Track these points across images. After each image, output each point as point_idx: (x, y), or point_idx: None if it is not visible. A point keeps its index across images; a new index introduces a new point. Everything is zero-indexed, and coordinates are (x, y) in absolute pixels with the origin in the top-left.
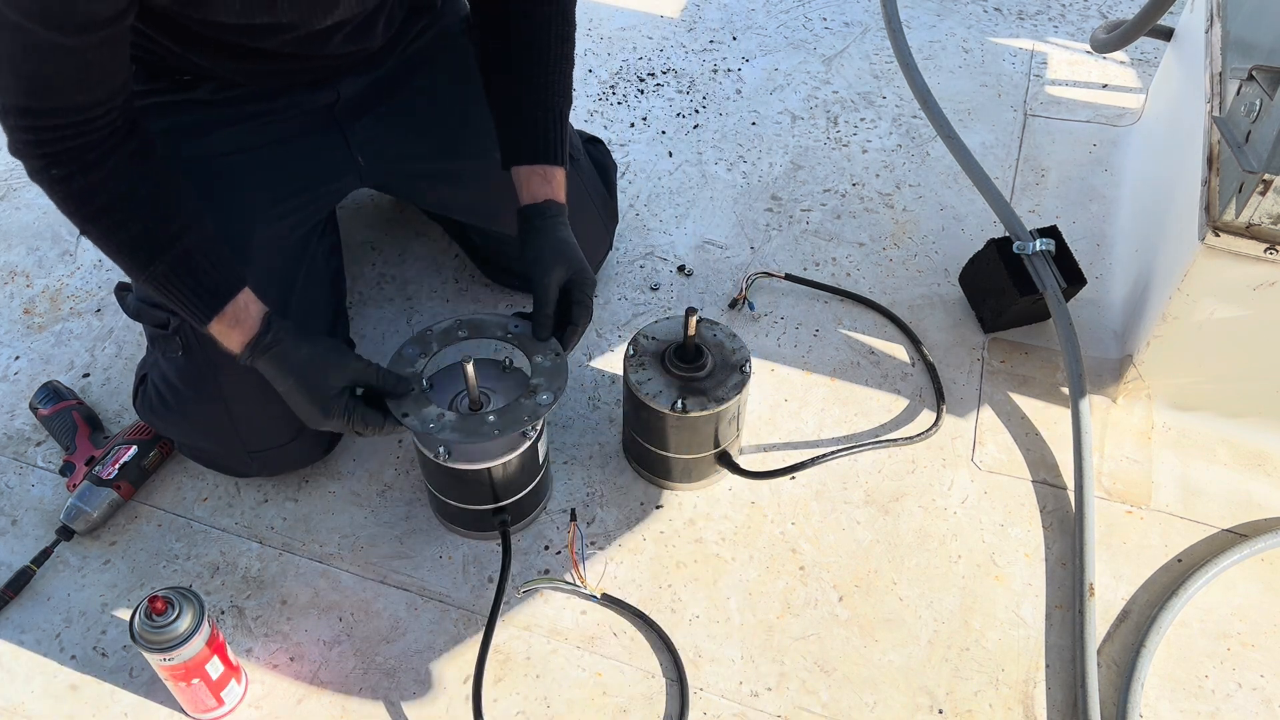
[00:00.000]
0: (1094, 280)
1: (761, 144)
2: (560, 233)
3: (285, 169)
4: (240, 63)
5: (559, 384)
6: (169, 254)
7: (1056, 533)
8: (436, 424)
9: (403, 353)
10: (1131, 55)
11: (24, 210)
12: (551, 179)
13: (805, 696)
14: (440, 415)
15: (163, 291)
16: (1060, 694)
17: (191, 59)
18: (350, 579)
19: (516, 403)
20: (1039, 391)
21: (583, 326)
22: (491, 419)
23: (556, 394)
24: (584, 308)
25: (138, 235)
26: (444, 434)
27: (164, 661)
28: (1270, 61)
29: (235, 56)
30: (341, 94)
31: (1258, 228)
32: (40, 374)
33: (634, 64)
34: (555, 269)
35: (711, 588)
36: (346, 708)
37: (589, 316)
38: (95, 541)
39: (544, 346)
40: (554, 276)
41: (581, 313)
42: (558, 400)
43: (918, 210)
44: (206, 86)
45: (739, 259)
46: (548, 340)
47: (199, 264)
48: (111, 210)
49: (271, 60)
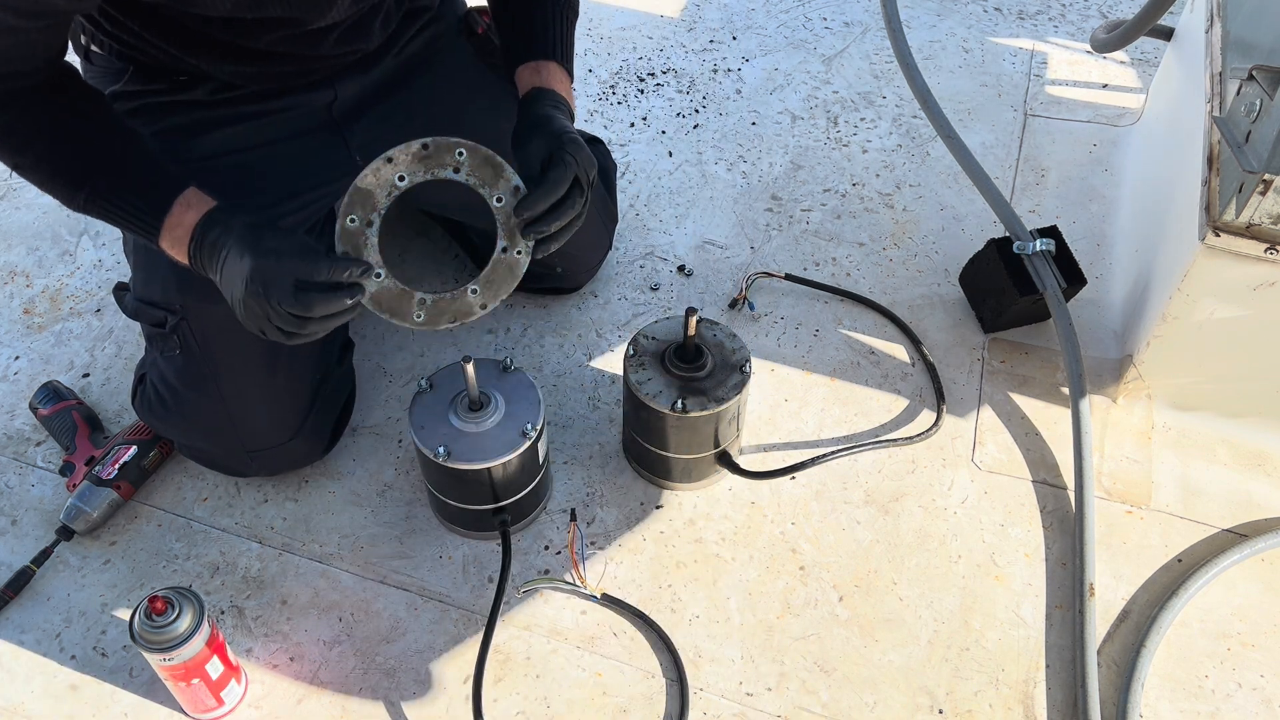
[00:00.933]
0: (1094, 280)
1: (761, 144)
2: (541, 109)
3: (283, 169)
4: (235, 64)
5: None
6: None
7: (1056, 533)
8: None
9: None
10: (1131, 55)
11: (24, 210)
12: (541, 70)
13: (805, 696)
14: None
15: (103, 216)
16: (1060, 694)
17: (188, 60)
18: (350, 579)
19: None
20: (1039, 391)
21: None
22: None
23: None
24: (563, 166)
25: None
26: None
27: (164, 661)
28: (1270, 61)
29: (230, 57)
30: (339, 95)
31: (1258, 228)
32: (40, 374)
33: (634, 64)
34: (534, 142)
35: (711, 588)
36: (346, 708)
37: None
38: (95, 541)
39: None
40: (533, 149)
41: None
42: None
43: (918, 210)
44: (204, 87)
45: (739, 259)
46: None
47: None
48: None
49: (266, 61)
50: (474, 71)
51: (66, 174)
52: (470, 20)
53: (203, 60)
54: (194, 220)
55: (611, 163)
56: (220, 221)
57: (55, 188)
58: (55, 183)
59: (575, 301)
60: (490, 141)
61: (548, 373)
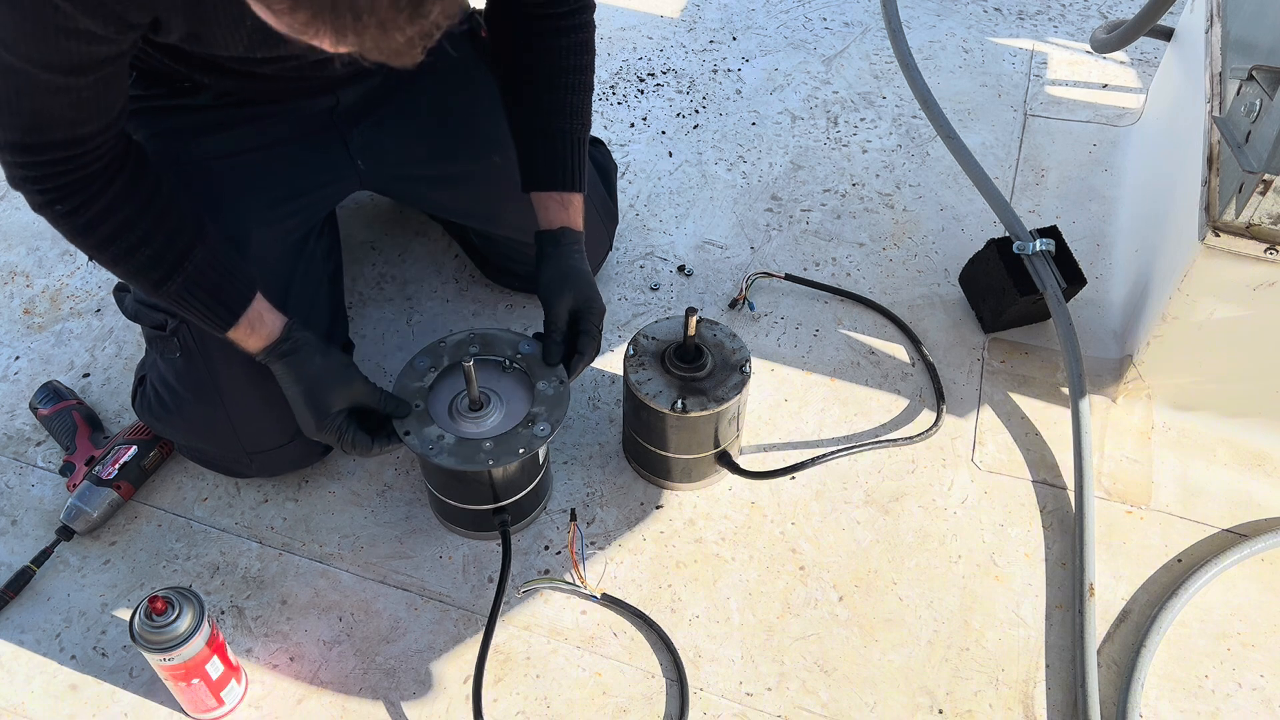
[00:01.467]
0: (1094, 280)
1: (761, 144)
2: (573, 260)
3: (284, 172)
4: (241, 81)
5: (558, 414)
6: (179, 274)
7: (1056, 533)
8: (435, 446)
9: (414, 364)
10: (1131, 55)
11: (24, 210)
12: (568, 205)
13: (805, 696)
14: (440, 438)
15: (179, 307)
16: (1060, 694)
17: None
18: (350, 579)
19: (514, 432)
20: (1039, 391)
21: (589, 356)
22: (488, 446)
23: (554, 425)
24: (590, 337)
25: (147, 259)
26: (440, 458)
27: (164, 661)
28: (1270, 61)
29: (237, 77)
30: (341, 99)
31: (1258, 228)
32: (40, 374)
33: (634, 64)
34: (565, 296)
35: (711, 588)
36: (346, 708)
37: (596, 346)
38: (95, 541)
39: (550, 372)
40: (564, 303)
41: (588, 342)
42: (555, 432)
43: (918, 210)
44: (206, 94)
45: (739, 259)
46: (555, 366)
47: (210, 280)
48: (118, 238)
49: (272, 81)
50: (475, 72)
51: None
52: (473, 22)
53: (208, 78)
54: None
55: (612, 163)
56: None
57: (134, 282)
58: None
59: None
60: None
61: None
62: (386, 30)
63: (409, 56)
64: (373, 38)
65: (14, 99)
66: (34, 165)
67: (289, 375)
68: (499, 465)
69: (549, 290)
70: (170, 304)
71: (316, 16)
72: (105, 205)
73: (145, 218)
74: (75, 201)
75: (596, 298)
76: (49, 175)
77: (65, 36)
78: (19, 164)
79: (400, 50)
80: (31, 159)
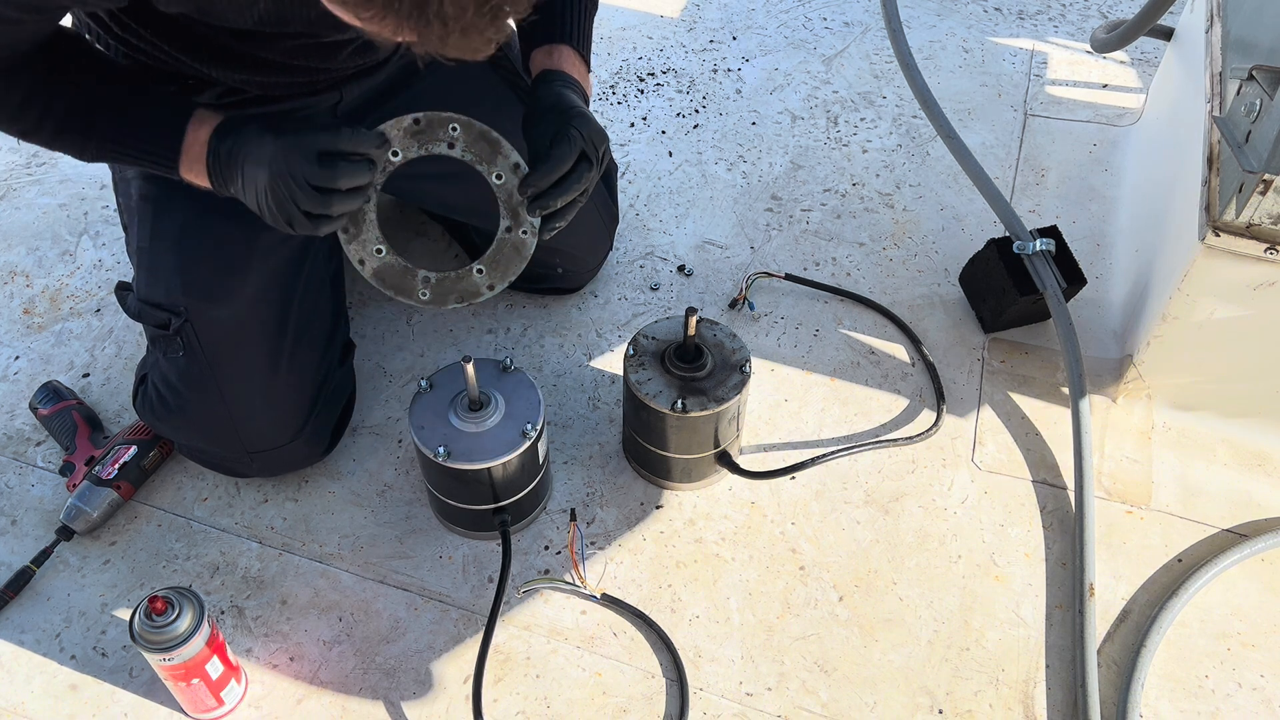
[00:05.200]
0: (1094, 280)
1: (761, 144)
2: (551, 90)
3: None
4: (246, 73)
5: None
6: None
7: (1056, 533)
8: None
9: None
10: (1131, 55)
11: (24, 210)
12: (554, 53)
13: (805, 696)
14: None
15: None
16: (1060, 694)
17: (198, 68)
18: (350, 579)
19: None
20: (1039, 391)
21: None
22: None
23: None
24: (568, 141)
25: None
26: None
27: (164, 661)
28: (1270, 61)
29: (242, 67)
30: (345, 96)
31: (1258, 228)
32: (40, 374)
33: (634, 64)
34: (544, 122)
35: (711, 588)
36: (346, 708)
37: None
38: (95, 541)
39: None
40: (541, 130)
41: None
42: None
43: (918, 210)
44: (211, 91)
45: (739, 259)
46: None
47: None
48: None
49: (278, 71)
50: (479, 70)
51: (71, 127)
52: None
53: (214, 68)
54: (206, 135)
55: (613, 163)
56: (233, 130)
57: (64, 143)
58: (62, 139)
59: (575, 301)
60: None
61: (548, 373)
62: (468, 35)
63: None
64: (455, 43)
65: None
66: None
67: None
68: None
69: (527, 121)
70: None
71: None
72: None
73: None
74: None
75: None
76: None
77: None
78: None
79: (478, 49)
80: None
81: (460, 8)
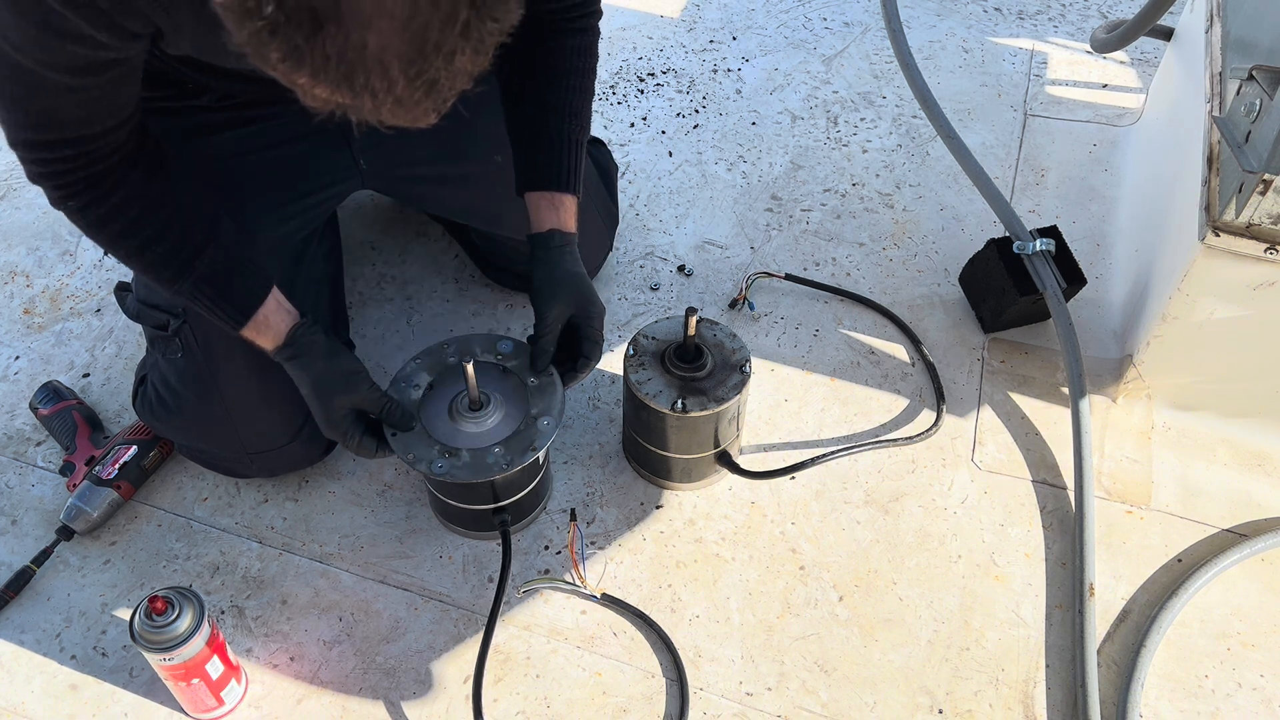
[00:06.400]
0: (1094, 280)
1: (761, 144)
2: (564, 263)
3: (287, 173)
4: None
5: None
6: (190, 274)
7: (1056, 533)
8: (445, 464)
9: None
10: (1131, 55)
11: (24, 210)
12: (559, 206)
13: (805, 696)
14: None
15: (192, 302)
16: (1060, 694)
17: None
18: (350, 579)
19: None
20: (1039, 391)
21: (595, 359)
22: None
23: (556, 417)
24: (593, 342)
25: (159, 258)
26: (452, 473)
27: (164, 661)
28: (1270, 61)
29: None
30: None
31: (1258, 228)
32: (40, 374)
33: (634, 64)
34: (557, 301)
35: (711, 588)
36: (346, 708)
37: (599, 349)
38: (95, 541)
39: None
40: (556, 309)
41: (591, 347)
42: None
43: (918, 210)
44: (210, 95)
45: (739, 259)
46: (543, 373)
47: (221, 280)
48: (130, 235)
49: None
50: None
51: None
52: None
53: (212, 79)
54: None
55: (613, 164)
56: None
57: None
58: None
59: None
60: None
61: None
62: (403, 106)
63: (425, 121)
64: (390, 113)
65: (24, 97)
66: (46, 162)
67: (298, 376)
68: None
69: (539, 295)
70: (185, 300)
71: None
72: (118, 202)
73: (157, 216)
74: (88, 197)
75: (594, 300)
76: (62, 171)
77: (70, 41)
78: (32, 160)
79: (418, 118)
80: (43, 155)
81: (389, 80)
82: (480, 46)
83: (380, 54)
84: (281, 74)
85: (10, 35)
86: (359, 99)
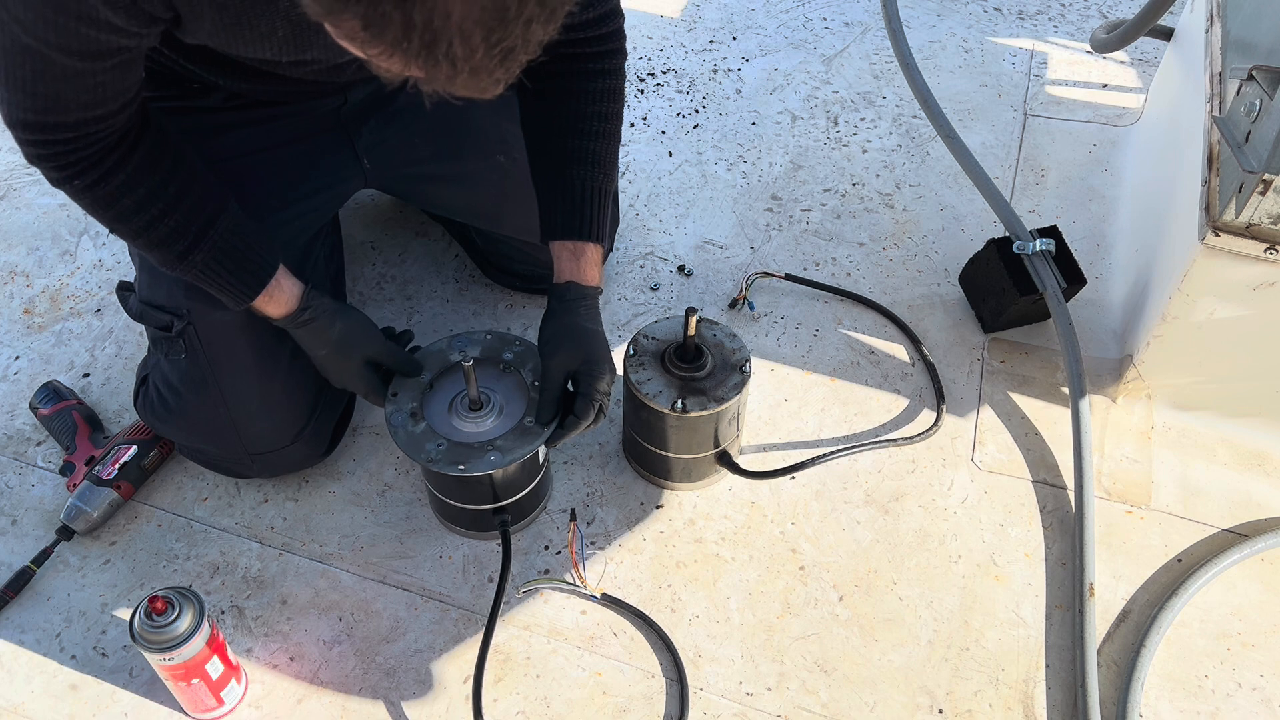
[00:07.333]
0: (1094, 280)
1: (761, 144)
2: (576, 318)
3: (291, 172)
4: (254, 82)
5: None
6: (204, 245)
7: (1056, 533)
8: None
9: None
10: (1131, 55)
11: (24, 210)
12: (580, 255)
13: (805, 696)
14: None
15: (200, 279)
16: (1060, 694)
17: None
18: (350, 579)
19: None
20: (1039, 391)
21: (585, 419)
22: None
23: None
24: (587, 400)
25: (170, 231)
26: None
27: (164, 661)
28: (1270, 61)
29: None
30: (348, 98)
31: (1258, 228)
32: (40, 374)
33: (634, 64)
34: (560, 354)
35: (711, 588)
36: (346, 708)
37: (593, 410)
38: (95, 541)
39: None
40: (559, 362)
41: (584, 405)
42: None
43: (918, 210)
44: (216, 95)
45: (739, 259)
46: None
47: (234, 250)
48: (141, 210)
49: (286, 81)
50: None
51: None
52: None
53: (222, 77)
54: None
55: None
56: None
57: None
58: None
59: None
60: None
61: None
62: (476, 75)
63: (493, 92)
64: (464, 82)
65: (30, 80)
66: (48, 144)
67: (315, 337)
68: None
69: (543, 348)
70: (192, 276)
71: (410, 63)
72: (126, 178)
73: (168, 189)
74: (93, 175)
75: (599, 359)
76: (63, 152)
77: (85, 24)
78: (31, 141)
79: (486, 89)
80: (45, 137)
81: (470, 49)
82: (553, 15)
83: (463, 21)
84: (359, 43)
85: (22, 16)
86: (436, 68)
